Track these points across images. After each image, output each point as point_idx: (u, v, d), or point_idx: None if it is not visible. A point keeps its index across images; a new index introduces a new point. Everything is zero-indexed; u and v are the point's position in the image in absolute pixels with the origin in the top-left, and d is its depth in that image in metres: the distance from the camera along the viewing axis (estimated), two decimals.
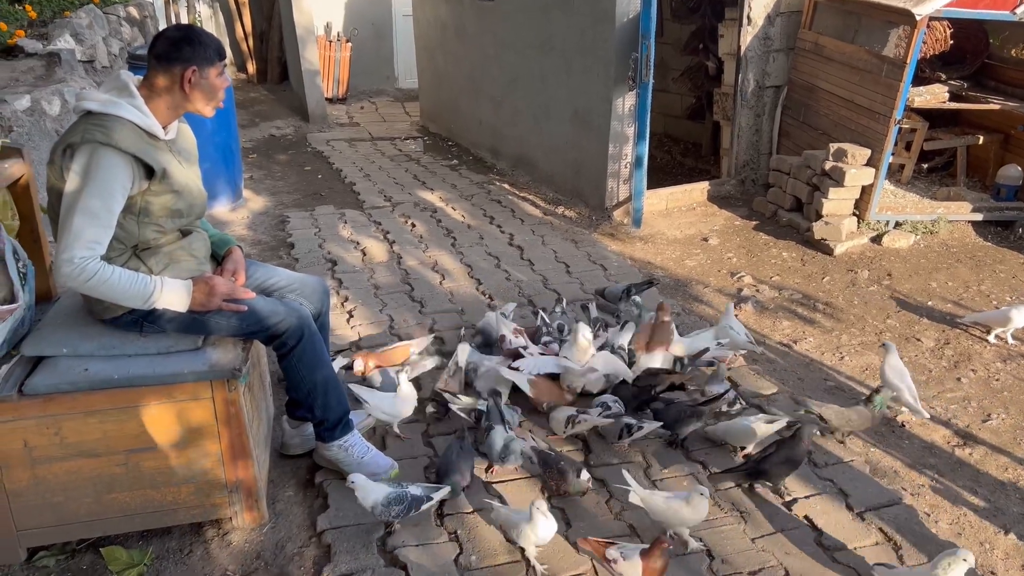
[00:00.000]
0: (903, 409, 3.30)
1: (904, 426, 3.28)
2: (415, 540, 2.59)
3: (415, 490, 2.57)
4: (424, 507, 2.58)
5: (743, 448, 3.03)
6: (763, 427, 2.96)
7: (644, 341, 3.51)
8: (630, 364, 3.43)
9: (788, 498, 2.79)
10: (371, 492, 2.52)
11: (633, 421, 3.00)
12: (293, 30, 8.86)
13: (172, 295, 2.38)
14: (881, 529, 2.66)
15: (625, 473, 2.65)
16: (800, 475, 2.88)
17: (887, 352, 3.31)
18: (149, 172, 2.33)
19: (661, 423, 3.02)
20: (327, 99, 9.58)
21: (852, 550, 2.56)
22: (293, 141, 8.30)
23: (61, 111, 4.52)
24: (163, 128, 2.41)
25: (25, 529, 2.46)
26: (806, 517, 2.71)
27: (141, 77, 2.43)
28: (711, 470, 2.95)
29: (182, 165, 2.47)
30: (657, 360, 3.47)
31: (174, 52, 2.36)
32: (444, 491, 2.63)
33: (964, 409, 3.41)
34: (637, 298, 4.04)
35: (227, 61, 2.49)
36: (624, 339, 3.51)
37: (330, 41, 10.01)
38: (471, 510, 2.73)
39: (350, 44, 10.19)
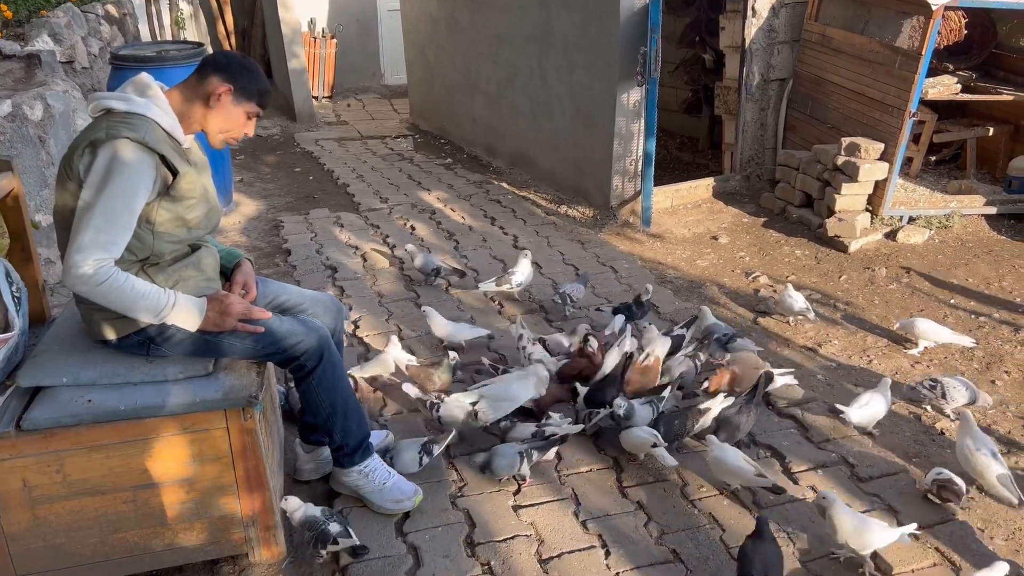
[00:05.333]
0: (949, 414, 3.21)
1: (943, 434, 3.15)
2: (446, 573, 2.42)
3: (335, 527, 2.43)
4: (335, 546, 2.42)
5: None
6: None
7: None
8: None
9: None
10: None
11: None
12: (278, 28, 8.61)
13: (184, 312, 2.21)
14: (937, 549, 2.52)
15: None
16: (845, 491, 2.75)
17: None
18: (169, 178, 2.19)
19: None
20: (313, 97, 9.34)
21: (910, 573, 2.43)
22: (280, 141, 8.06)
23: (44, 115, 4.28)
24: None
25: (25, 574, 2.28)
26: None
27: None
28: None
29: (200, 175, 2.31)
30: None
31: (224, 66, 2.29)
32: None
33: (1003, 415, 3.29)
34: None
35: (262, 113, 2.44)
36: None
37: (315, 38, 9.77)
38: (503, 538, 2.57)
39: (335, 40, 9.95)
